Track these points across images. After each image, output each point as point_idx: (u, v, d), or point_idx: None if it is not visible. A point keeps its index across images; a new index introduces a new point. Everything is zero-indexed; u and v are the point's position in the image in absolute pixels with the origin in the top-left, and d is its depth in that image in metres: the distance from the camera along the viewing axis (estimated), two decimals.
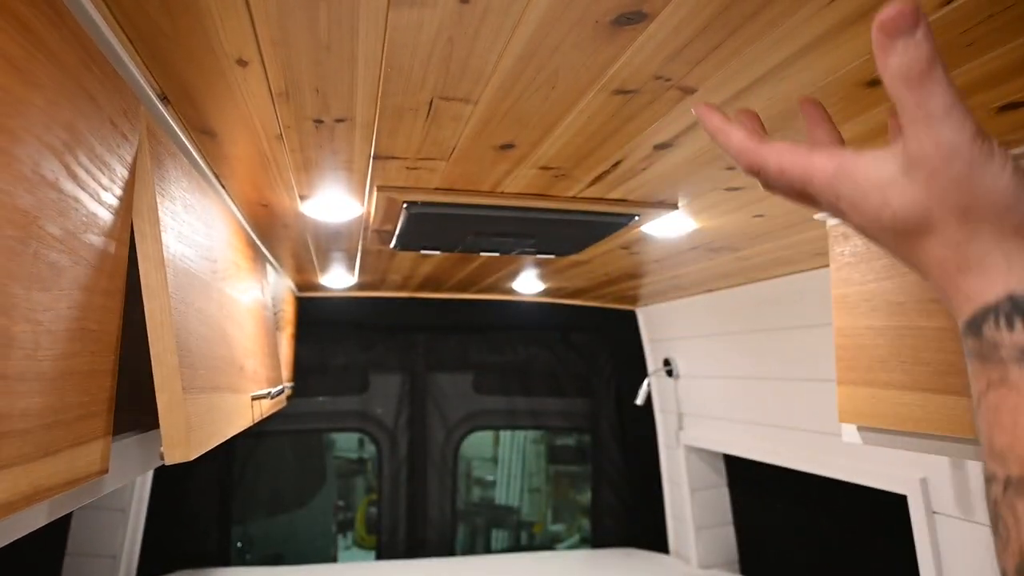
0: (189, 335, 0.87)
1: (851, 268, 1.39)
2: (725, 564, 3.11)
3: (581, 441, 3.74)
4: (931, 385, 1.18)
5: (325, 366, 3.34)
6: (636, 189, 1.35)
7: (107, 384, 0.72)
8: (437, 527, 3.36)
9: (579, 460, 5.80)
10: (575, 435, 6.00)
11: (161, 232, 0.82)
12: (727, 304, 2.64)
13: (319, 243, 1.95)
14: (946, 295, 0.47)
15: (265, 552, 3.89)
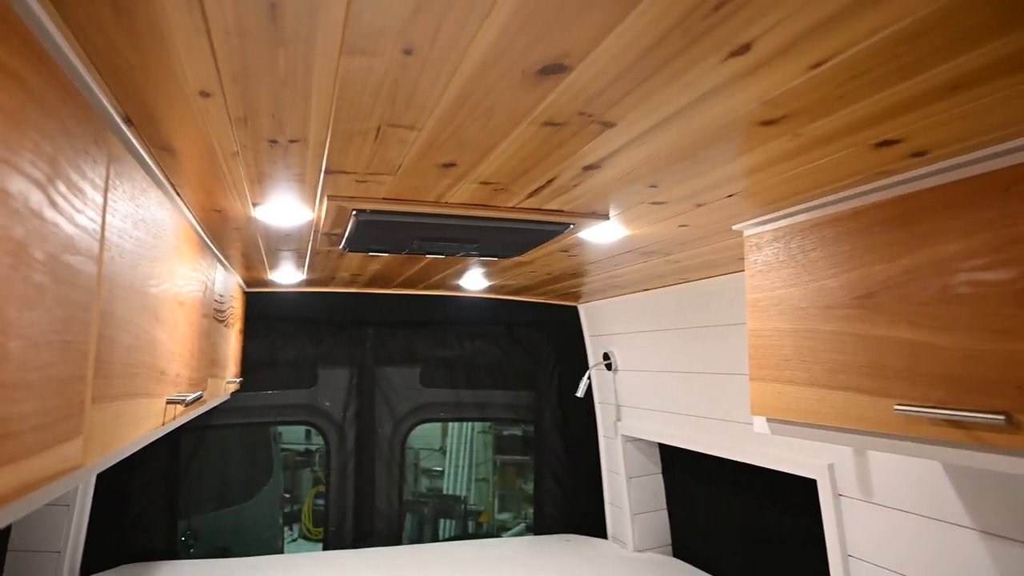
0: (113, 347, 0.93)
1: (762, 275, 1.53)
2: (659, 547, 3.29)
3: (527, 432, 3.87)
4: (826, 382, 1.33)
5: (274, 360, 3.38)
6: (570, 202, 1.46)
7: (81, 389, 0.80)
8: (384, 518, 3.45)
9: (525, 450, 5.94)
10: (521, 426, 6.13)
11: (103, 252, 0.88)
12: (661, 302, 2.79)
13: (270, 244, 2.01)
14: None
15: (211, 545, 3.91)
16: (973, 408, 1.03)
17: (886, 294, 1.20)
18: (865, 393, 1.24)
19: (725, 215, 1.53)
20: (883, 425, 1.20)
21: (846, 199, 1.30)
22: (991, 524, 1.52)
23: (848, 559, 1.94)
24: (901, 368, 1.17)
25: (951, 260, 1.09)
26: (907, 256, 1.17)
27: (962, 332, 1.06)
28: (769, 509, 2.67)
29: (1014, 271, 0.99)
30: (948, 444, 1.10)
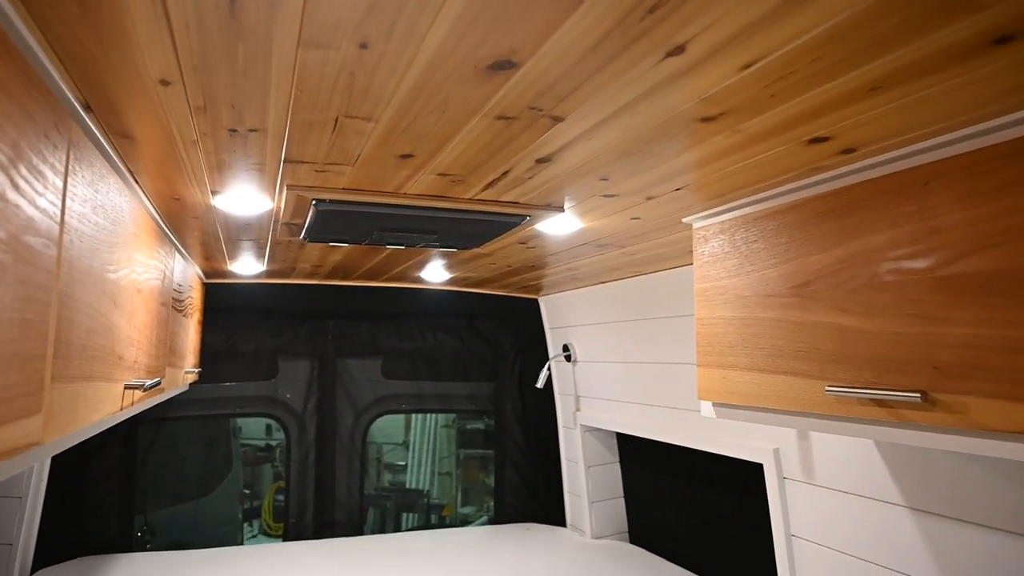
0: (72, 328, 0.95)
1: (709, 266, 1.60)
2: (616, 534, 3.37)
3: (489, 426, 3.91)
4: (765, 366, 1.41)
5: (234, 352, 3.37)
6: (526, 194, 1.51)
7: (41, 367, 0.82)
8: (345, 509, 3.46)
9: (488, 445, 5.98)
10: (484, 420, 6.18)
11: (63, 235, 0.90)
12: (618, 295, 2.87)
13: (229, 233, 2.01)
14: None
15: (169, 541, 3.87)
16: (894, 388, 1.11)
17: (821, 283, 1.28)
18: (800, 376, 1.31)
19: (674, 208, 1.60)
20: (816, 406, 1.27)
21: (785, 193, 1.37)
22: (920, 502, 1.62)
23: (791, 539, 2.03)
24: (833, 352, 1.24)
25: (878, 250, 1.16)
26: (839, 247, 1.24)
27: (886, 317, 1.14)
28: (719, 494, 2.77)
29: (932, 260, 1.07)
30: (874, 422, 1.18)
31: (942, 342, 1.04)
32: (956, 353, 1.02)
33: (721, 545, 2.76)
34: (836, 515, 1.87)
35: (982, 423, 0.98)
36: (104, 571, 2.74)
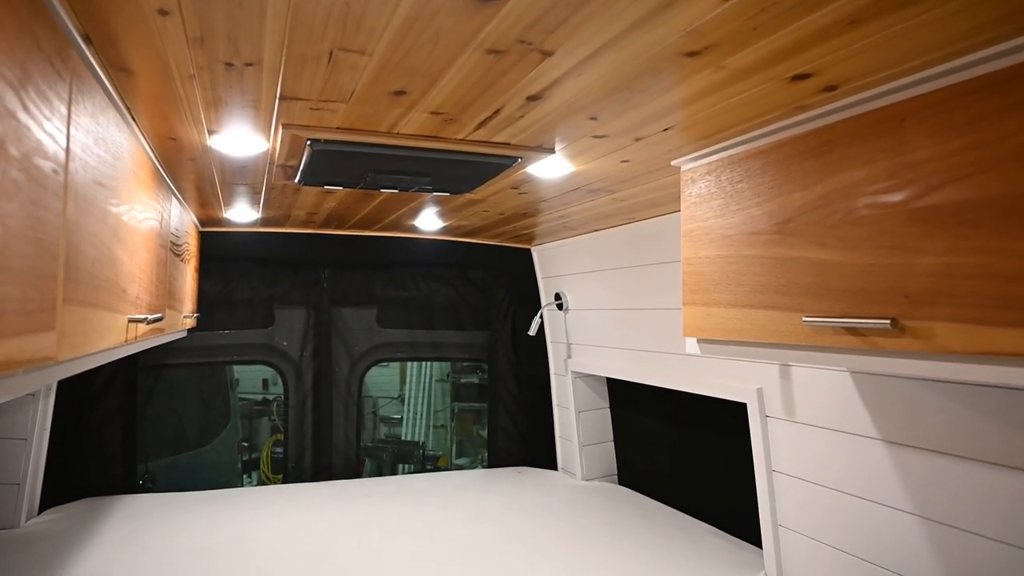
0: (79, 254, 0.99)
1: (696, 207, 1.64)
2: (606, 476, 3.48)
3: (484, 380, 3.99)
4: (747, 302, 1.46)
5: (230, 300, 3.41)
6: (517, 134, 1.54)
7: (53, 287, 0.86)
8: (342, 454, 3.56)
9: (482, 398, 6.09)
10: (478, 374, 6.27)
11: (69, 162, 0.94)
12: (610, 242, 2.91)
13: (225, 177, 2.04)
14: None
15: (169, 489, 3.97)
16: (867, 316, 1.16)
17: (801, 219, 1.32)
18: (780, 310, 1.37)
19: (662, 150, 1.63)
20: (794, 337, 1.33)
21: (769, 134, 1.41)
22: (893, 434, 1.69)
23: (772, 474, 2.12)
24: (811, 285, 1.29)
25: (856, 186, 1.20)
26: (820, 184, 1.28)
27: (862, 250, 1.19)
28: (704, 436, 2.86)
29: (907, 193, 1.11)
30: (848, 351, 1.23)
31: (913, 271, 1.09)
32: (926, 281, 1.07)
33: (706, 484, 2.87)
34: (815, 450, 1.95)
35: (947, 347, 1.04)
36: (109, 510, 2.83)
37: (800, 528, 2.02)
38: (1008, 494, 1.43)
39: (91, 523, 2.67)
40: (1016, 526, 1.42)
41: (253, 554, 2.35)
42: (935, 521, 1.60)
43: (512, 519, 2.77)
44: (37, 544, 2.42)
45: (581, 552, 2.38)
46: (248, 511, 2.86)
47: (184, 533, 2.55)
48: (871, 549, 1.78)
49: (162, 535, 2.52)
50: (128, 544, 2.42)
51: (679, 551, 2.39)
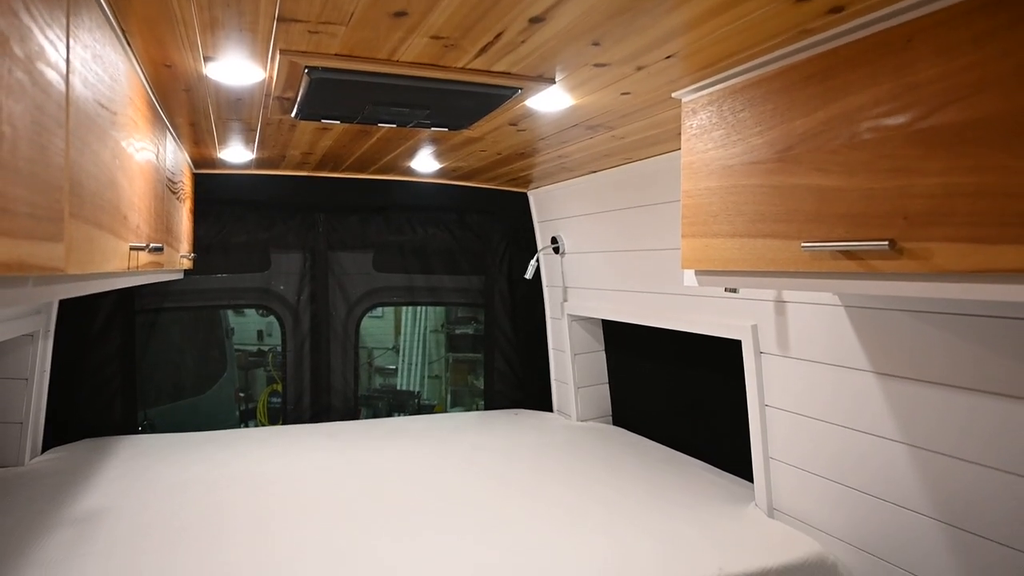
0: (81, 171, 0.99)
1: (696, 139, 1.64)
2: (600, 417, 3.54)
3: (478, 330, 4.01)
4: (746, 231, 1.47)
5: (226, 244, 3.41)
6: (518, 63, 1.52)
7: (59, 198, 0.86)
8: (341, 396, 3.60)
9: (477, 348, 6.14)
10: (473, 324, 6.31)
11: (70, 74, 0.93)
12: (607, 184, 2.90)
13: (220, 111, 2.01)
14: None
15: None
16: (865, 239, 1.17)
17: (803, 146, 1.32)
18: (779, 238, 1.38)
19: (664, 80, 1.62)
20: (792, 264, 1.34)
21: (772, 61, 1.40)
22: (884, 365, 1.73)
23: (765, 408, 2.17)
24: (810, 212, 1.30)
25: (858, 110, 1.20)
26: (823, 109, 1.28)
27: (863, 174, 1.19)
28: (697, 376, 2.91)
29: (910, 115, 1.11)
30: (845, 276, 1.25)
31: (912, 193, 1.10)
32: (925, 202, 1.08)
33: (699, 423, 2.93)
34: (807, 384, 1.99)
35: (943, 266, 1.06)
36: (111, 450, 2.87)
37: (790, 460, 2.08)
38: (990, 419, 1.47)
39: (94, 461, 2.71)
40: (997, 449, 1.46)
41: (254, 489, 2.40)
42: (920, 448, 1.65)
43: (509, 457, 2.83)
44: (41, 481, 2.46)
45: (577, 487, 2.44)
46: (249, 450, 2.91)
47: (186, 471, 2.60)
48: (858, 478, 1.84)
49: (165, 472, 2.57)
50: (131, 480, 2.47)
51: (673, 485, 2.45)
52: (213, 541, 1.93)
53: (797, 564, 1.84)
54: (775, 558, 1.84)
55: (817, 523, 1.99)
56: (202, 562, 1.79)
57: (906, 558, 1.71)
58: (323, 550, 1.88)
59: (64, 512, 2.13)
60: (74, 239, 0.94)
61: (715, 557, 1.84)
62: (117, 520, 2.07)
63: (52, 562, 1.77)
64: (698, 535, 1.99)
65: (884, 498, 1.77)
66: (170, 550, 1.86)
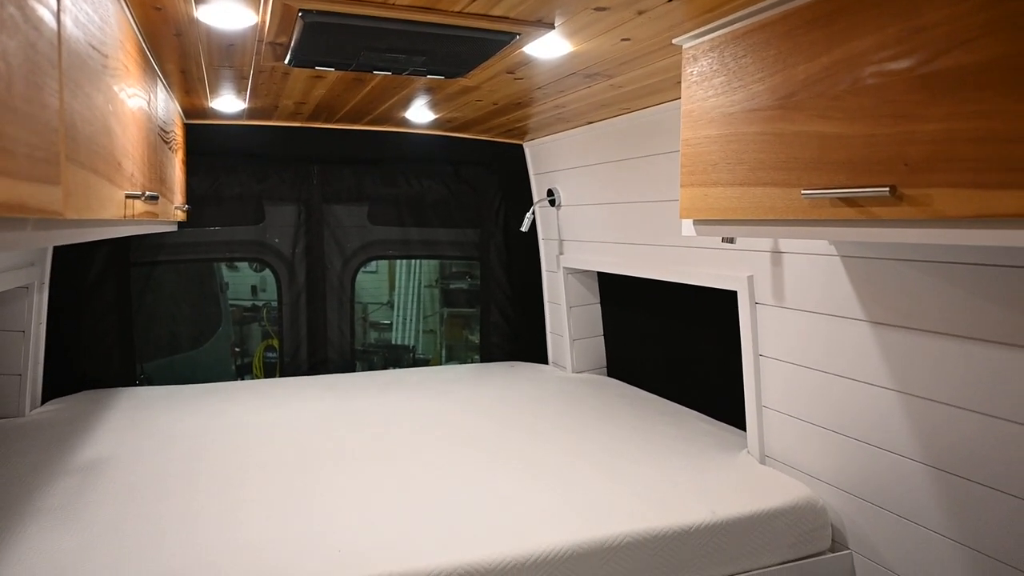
0: (75, 115, 0.97)
1: (696, 86, 1.62)
2: (595, 369, 3.58)
3: (473, 285, 4.01)
4: (746, 180, 1.47)
5: (219, 196, 3.37)
6: (516, 6, 1.49)
7: (55, 140, 0.85)
8: (337, 348, 3.62)
9: (471, 303, 6.16)
10: (467, 280, 6.31)
11: (60, 12, 0.90)
12: (605, 134, 2.87)
13: (211, 58, 1.97)
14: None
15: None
16: (866, 185, 1.17)
17: (805, 92, 1.31)
18: (779, 186, 1.38)
19: (665, 26, 1.59)
20: (791, 212, 1.34)
21: (776, 4, 1.37)
22: (878, 315, 1.75)
23: (759, 358, 2.19)
24: (811, 159, 1.30)
25: (862, 54, 1.19)
26: (826, 54, 1.26)
27: (865, 120, 1.18)
28: (691, 328, 2.93)
29: (914, 59, 1.10)
30: (844, 223, 1.25)
31: (914, 139, 1.10)
32: (926, 148, 1.08)
33: (693, 374, 2.96)
34: (801, 333, 2.01)
35: (943, 212, 1.06)
36: (110, 401, 2.90)
37: (782, 408, 2.11)
38: (985, 367, 1.49)
39: (93, 412, 2.73)
40: (992, 397, 1.49)
41: (253, 437, 2.43)
42: (913, 395, 1.68)
43: (504, 407, 2.86)
44: (43, 431, 2.48)
45: (572, 435, 2.48)
46: (248, 401, 2.93)
47: (186, 420, 2.63)
48: (850, 425, 1.87)
49: (163, 422, 2.60)
50: (132, 430, 2.49)
51: (666, 434, 2.49)
52: (216, 486, 1.96)
53: (787, 508, 1.89)
54: (765, 502, 1.89)
55: (808, 469, 2.03)
56: (205, 507, 1.82)
57: (894, 501, 1.76)
58: (323, 492, 1.91)
59: (67, 461, 2.16)
60: (71, 183, 0.93)
61: (707, 501, 1.89)
62: (119, 468, 2.10)
63: (57, 508, 1.80)
64: (691, 480, 2.03)
65: (875, 444, 1.80)
66: (174, 496, 1.89)
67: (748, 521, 1.83)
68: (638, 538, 1.72)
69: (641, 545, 1.72)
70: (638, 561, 1.70)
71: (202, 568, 1.50)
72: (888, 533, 1.79)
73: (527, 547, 1.63)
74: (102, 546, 1.59)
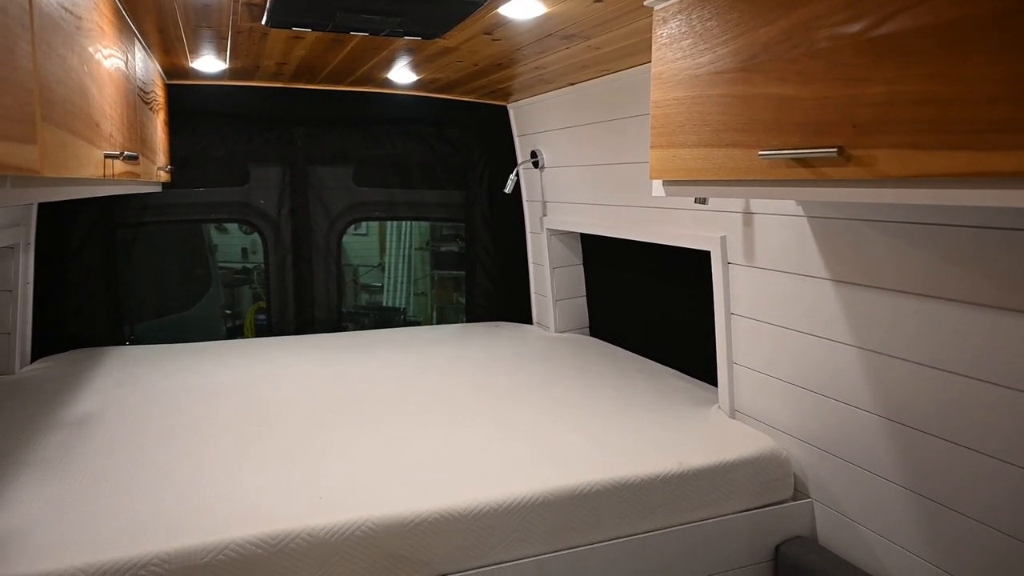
0: (49, 76, 1.00)
1: (666, 48, 1.65)
2: (578, 329, 3.66)
3: (462, 248, 4.05)
4: (711, 141, 1.51)
5: (203, 157, 3.39)
6: None
7: (30, 101, 0.89)
8: (324, 307, 3.68)
9: (461, 265, 6.21)
10: (457, 243, 6.35)
11: None
12: (586, 96, 2.90)
13: (188, 17, 1.98)
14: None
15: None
16: (816, 146, 1.22)
17: (765, 55, 1.35)
18: (740, 147, 1.42)
19: None
20: (751, 172, 1.39)
21: None
22: (842, 273, 1.81)
23: (731, 316, 2.26)
24: (769, 121, 1.34)
25: (817, 18, 1.22)
26: (784, 18, 1.30)
27: (818, 83, 1.23)
28: (670, 288, 3.00)
29: (864, 23, 1.14)
30: (799, 183, 1.30)
31: (861, 101, 1.14)
32: (872, 111, 1.13)
33: (670, 332, 3.04)
34: (770, 292, 2.08)
35: (886, 172, 1.11)
36: (100, 359, 2.95)
37: (751, 364, 2.19)
38: (940, 323, 1.56)
39: (83, 369, 2.79)
40: (945, 351, 1.56)
41: (243, 391, 2.50)
42: (872, 351, 1.75)
43: (489, 364, 2.94)
44: (34, 387, 2.54)
45: (550, 390, 2.56)
46: (237, 358, 3.00)
47: (175, 377, 2.69)
48: (814, 380, 1.95)
49: (155, 379, 2.66)
50: (120, 387, 2.56)
51: (641, 390, 2.57)
52: (201, 438, 2.03)
53: (751, 458, 1.97)
54: (731, 453, 1.98)
55: (774, 422, 2.12)
56: (195, 457, 1.89)
57: (852, 452, 1.84)
58: (306, 443, 1.99)
59: (58, 415, 2.22)
60: (47, 142, 0.96)
61: (676, 452, 1.97)
62: (110, 422, 2.16)
63: (50, 460, 1.86)
64: (661, 433, 2.12)
65: (835, 397, 1.88)
66: (164, 448, 1.96)
67: (714, 471, 1.92)
68: (607, 486, 1.80)
69: (610, 493, 1.80)
70: (607, 508, 1.79)
71: (192, 511, 1.58)
72: (846, 482, 1.88)
73: (501, 493, 1.71)
74: (93, 493, 1.66)
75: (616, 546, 1.79)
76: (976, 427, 1.51)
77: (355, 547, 1.55)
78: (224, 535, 1.48)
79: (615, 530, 1.80)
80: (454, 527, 1.64)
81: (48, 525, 1.50)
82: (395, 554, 1.58)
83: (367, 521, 1.57)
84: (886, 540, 1.77)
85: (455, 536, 1.64)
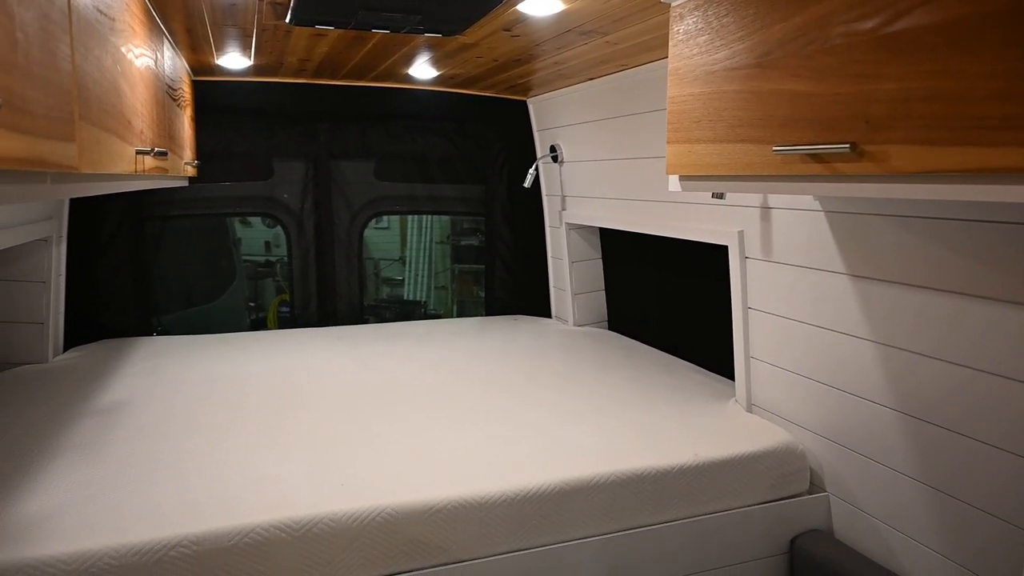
0: (86, 76, 1.05)
1: (683, 44, 1.67)
2: (596, 323, 3.68)
3: (483, 242, 4.09)
4: (726, 137, 1.52)
5: (228, 152, 3.45)
6: None
7: (69, 102, 0.93)
8: (346, 300, 3.74)
9: (481, 260, 6.26)
10: (477, 236, 6.40)
11: None
12: (605, 91, 2.91)
13: (214, 16, 2.03)
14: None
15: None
16: (830, 142, 1.24)
17: (780, 51, 1.36)
18: (755, 142, 1.44)
19: None
20: (765, 168, 1.41)
21: None
22: (860, 268, 1.82)
23: (748, 311, 2.27)
24: (784, 117, 1.35)
25: (831, 14, 1.24)
26: (799, 14, 1.31)
27: (831, 79, 1.24)
28: (688, 282, 3.01)
29: (878, 19, 1.15)
30: (812, 179, 1.32)
31: (874, 97, 1.15)
32: (885, 107, 1.14)
33: (688, 327, 3.05)
34: (787, 286, 2.09)
35: (899, 168, 1.12)
36: (129, 349, 3.04)
37: (769, 359, 2.20)
38: (943, 315, 1.57)
39: (113, 359, 2.87)
40: (951, 343, 1.57)
41: (263, 382, 2.56)
42: (884, 344, 1.75)
43: (507, 356, 2.97)
44: (65, 376, 2.62)
45: (567, 383, 2.59)
46: (262, 349, 3.06)
47: (202, 367, 2.76)
48: (831, 374, 1.96)
49: (180, 368, 2.73)
50: (149, 375, 2.63)
51: (659, 384, 2.59)
52: (230, 427, 2.09)
53: (767, 451, 1.99)
54: (747, 446, 1.99)
55: (791, 416, 2.13)
56: (220, 444, 1.95)
57: (866, 445, 1.85)
58: (328, 432, 2.03)
59: (89, 403, 2.29)
60: (85, 140, 1.01)
61: (692, 444, 1.99)
62: (140, 410, 2.23)
63: (81, 445, 1.93)
64: (678, 426, 2.14)
65: (849, 391, 1.89)
66: (190, 435, 2.02)
67: (729, 463, 1.94)
68: (622, 477, 1.83)
69: (627, 484, 1.83)
70: (621, 498, 1.82)
71: (217, 497, 1.63)
72: (863, 476, 1.89)
73: (519, 483, 1.74)
74: (123, 478, 1.73)
75: (633, 536, 1.81)
76: (999, 425, 1.51)
77: (375, 533, 1.60)
78: (248, 519, 1.53)
79: (632, 520, 1.83)
80: (472, 515, 1.67)
81: (79, 508, 1.56)
82: (414, 540, 1.63)
83: (387, 508, 1.61)
84: (902, 534, 1.77)
85: (473, 524, 1.67)
